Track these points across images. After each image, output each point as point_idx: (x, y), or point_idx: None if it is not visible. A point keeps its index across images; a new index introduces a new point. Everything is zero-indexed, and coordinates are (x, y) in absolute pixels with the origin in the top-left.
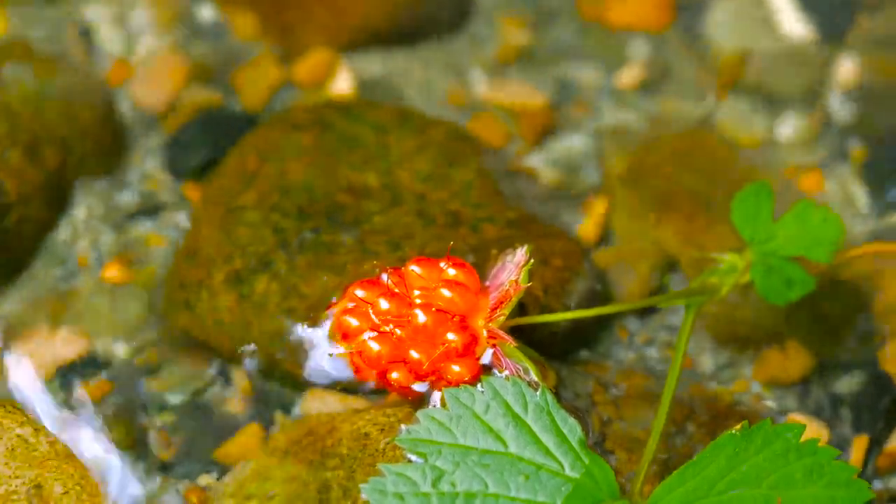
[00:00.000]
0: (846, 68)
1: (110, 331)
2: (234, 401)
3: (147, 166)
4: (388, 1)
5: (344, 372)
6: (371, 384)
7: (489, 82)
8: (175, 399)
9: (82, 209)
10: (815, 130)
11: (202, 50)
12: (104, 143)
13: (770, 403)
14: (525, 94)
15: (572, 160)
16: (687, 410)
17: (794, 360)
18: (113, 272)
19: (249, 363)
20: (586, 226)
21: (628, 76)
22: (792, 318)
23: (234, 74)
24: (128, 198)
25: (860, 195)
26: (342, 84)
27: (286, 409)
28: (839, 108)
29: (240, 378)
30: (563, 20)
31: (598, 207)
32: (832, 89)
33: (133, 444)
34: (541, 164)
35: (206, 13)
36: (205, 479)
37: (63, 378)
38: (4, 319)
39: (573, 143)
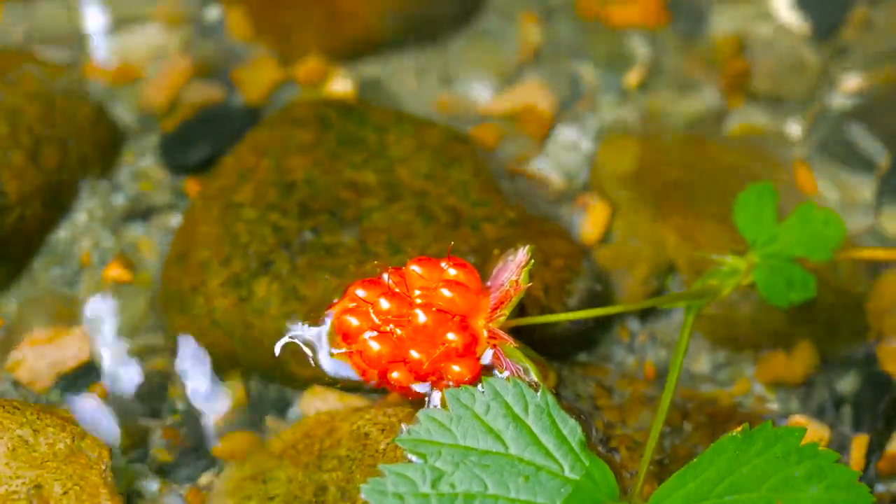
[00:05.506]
0: (846, 65)
1: (111, 331)
2: (231, 401)
3: (147, 164)
4: (388, 1)
5: (344, 371)
6: (371, 384)
7: (488, 84)
8: (174, 400)
9: (82, 209)
10: (816, 128)
11: (205, 48)
12: (105, 142)
13: (772, 406)
14: (525, 95)
15: (573, 161)
16: (688, 412)
17: (795, 359)
18: (114, 272)
19: (247, 366)
20: (587, 226)
21: (630, 77)
22: (791, 318)
23: (235, 72)
24: (128, 197)
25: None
26: (340, 85)
27: (285, 411)
28: (840, 105)
29: (237, 379)
30: (565, 19)
31: (599, 208)
32: (833, 88)
33: (134, 444)
34: (541, 164)
35: (211, 13)
36: (204, 479)
37: (63, 377)
38: (5, 318)
39: (574, 144)
